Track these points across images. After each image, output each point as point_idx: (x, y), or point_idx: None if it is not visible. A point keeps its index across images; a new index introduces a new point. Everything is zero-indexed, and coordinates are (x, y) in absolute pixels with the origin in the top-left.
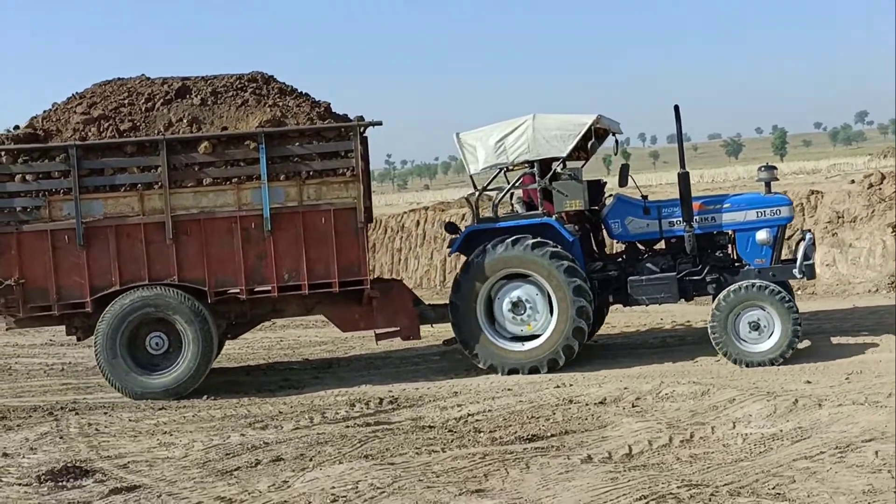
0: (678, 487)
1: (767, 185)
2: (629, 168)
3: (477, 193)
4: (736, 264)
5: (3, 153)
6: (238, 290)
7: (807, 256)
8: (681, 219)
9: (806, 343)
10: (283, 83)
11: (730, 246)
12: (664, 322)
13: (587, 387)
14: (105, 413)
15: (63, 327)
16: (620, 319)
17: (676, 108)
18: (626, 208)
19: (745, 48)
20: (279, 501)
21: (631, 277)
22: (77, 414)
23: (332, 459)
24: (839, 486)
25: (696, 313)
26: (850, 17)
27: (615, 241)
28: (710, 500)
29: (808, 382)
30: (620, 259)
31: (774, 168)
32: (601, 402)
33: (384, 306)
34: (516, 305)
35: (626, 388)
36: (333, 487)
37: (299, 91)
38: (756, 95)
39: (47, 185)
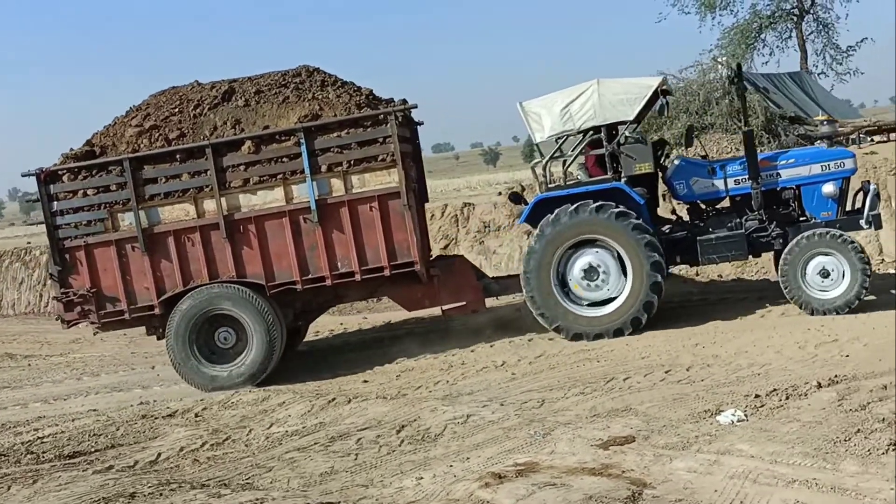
0: (149, 486)
1: (829, 138)
2: (694, 129)
3: (544, 161)
4: (801, 219)
5: (64, 172)
6: (294, 282)
7: (872, 207)
8: (746, 176)
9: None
10: (327, 74)
11: (794, 201)
12: None
13: (167, 402)
14: None
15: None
16: None
17: (738, 66)
18: (691, 169)
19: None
20: None
21: (700, 237)
22: None
23: None
24: (305, 471)
25: (331, 323)
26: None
27: (680, 201)
28: (171, 493)
29: (365, 382)
30: (679, 218)
31: (836, 122)
32: (170, 415)
33: (447, 282)
34: (589, 271)
35: (201, 400)
36: None
37: (342, 80)
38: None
39: (107, 198)
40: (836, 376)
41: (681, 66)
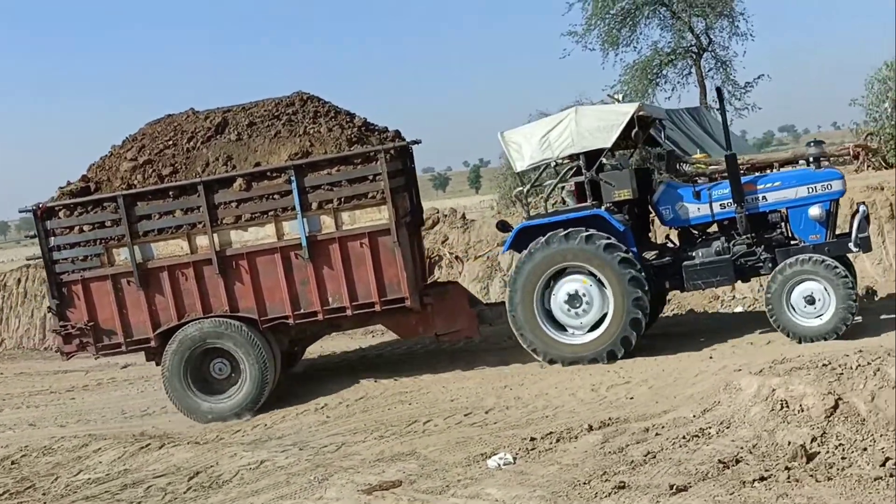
0: None
1: (817, 160)
2: (675, 153)
3: (525, 190)
4: (791, 242)
5: (60, 208)
6: (286, 316)
7: (861, 229)
8: (731, 200)
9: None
10: (321, 103)
11: (783, 224)
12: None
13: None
14: None
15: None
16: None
17: (718, 89)
18: (677, 194)
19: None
20: None
21: (685, 262)
22: None
23: None
24: None
25: None
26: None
27: (668, 227)
28: None
29: (191, 426)
30: (668, 243)
31: (823, 143)
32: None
33: (441, 310)
34: (572, 298)
35: (25, 447)
36: None
37: (336, 110)
38: (473, 128)
39: (103, 233)
40: (609, 419)
41: (562, 105)
